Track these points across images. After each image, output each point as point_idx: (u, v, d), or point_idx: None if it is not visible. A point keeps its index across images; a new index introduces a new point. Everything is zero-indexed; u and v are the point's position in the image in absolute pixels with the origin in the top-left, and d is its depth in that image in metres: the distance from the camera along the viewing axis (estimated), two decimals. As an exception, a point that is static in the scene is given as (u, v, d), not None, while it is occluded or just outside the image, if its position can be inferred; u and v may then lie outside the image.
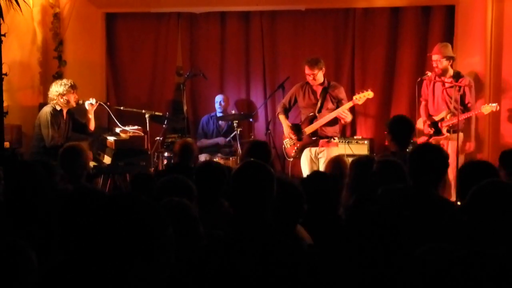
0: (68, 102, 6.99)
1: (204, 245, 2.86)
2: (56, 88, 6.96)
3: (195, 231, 2.95)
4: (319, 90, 7.27)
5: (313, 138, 7.22)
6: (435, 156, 3.76)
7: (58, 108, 6.97)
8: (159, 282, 1.96)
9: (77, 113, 7.35)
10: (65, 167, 4.89)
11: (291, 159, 7.39)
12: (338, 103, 7.20)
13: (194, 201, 3.60)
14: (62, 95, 6.94)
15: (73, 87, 7.02)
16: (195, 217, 2.98)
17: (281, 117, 7.49)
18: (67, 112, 7.10)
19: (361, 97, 7.08)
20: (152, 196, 4.37)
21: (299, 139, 7.30)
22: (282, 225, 3.10)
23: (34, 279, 2.12)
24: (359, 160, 4.76)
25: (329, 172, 5.02)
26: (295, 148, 7.31)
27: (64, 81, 7.12)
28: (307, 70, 7.21)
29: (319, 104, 7.24)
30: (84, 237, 2.17)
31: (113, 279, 1.92)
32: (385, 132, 5.86)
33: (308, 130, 7.24)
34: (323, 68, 7.23)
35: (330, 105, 7.21)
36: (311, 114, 7.26)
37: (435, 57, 7.12)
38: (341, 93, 7.24)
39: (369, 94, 7.09)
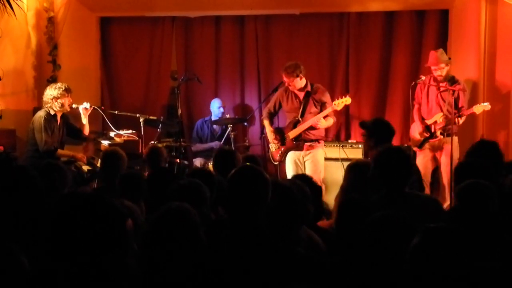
0: (62, 105, 6.98)
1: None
2: (51, 92, 6.95)
3: (195, 235, 2.97)
4: (301, 94, 7.28)
5: (296, 143, 7.26)
6: (400, 158, 3.83)
7: (52, 112, 6.95)
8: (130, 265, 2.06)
9: (71, 118, 7.34)
10: (107, 171, 5.13)
11: (277, 163, 7.45)
12: (322, 106, 7.24)
13: (206, 205, 3.60)
14: (56, 98, 6.92)
15: (67, 90, 7.01)
16: (195, 220, 3.00)
17: (265, 123, 7.54)
18: (61, 117, 7.08)
19: (339, 103, 7.14)
20: (142, 195, 4.44)
21: (282, 143, 7.33)
22: (278, 228, 3.10)
23: (25, 284, 2.12)
24: (355, 164, 4.76)
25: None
26: (280, 151, 7.35)
27: (59, 84, 7.11)
28: (284, 77, 7.25)
29: (301, 108, 7.26)
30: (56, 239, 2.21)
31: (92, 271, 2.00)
32: (363, 135, 5.88)
33: (291, 134, 7.28)
34: (301, 75, 7.18)
35: (313, 108, 7.23)
36: (294, 118, 7.29)
37: (435, 66, 7.08)
38: (325, 96, 7.23)
39: (347, 100, 7.13)
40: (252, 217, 2.83)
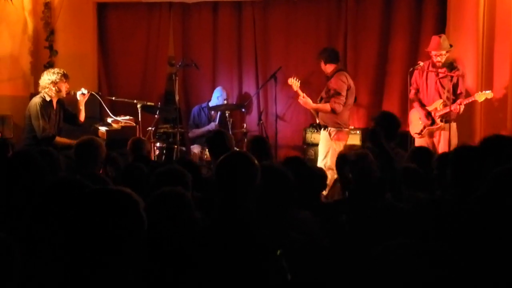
0: (59, 91, 6.92)
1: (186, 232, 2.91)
2: (49, 76, 6.88)
3: (190, 217, 3.02)
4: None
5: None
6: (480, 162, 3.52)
7: (47, 98, 6.89)
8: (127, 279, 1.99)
9: (67, 105, 7.30)
10: (80, 159, 4.91)
11: None
12: (327, 93, 7.31)
13: (189, 188, 3.66)
14: (54, 83, 6.85)
15: (65, 76, 6.96)
16: (189, 203, 3.06)
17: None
18: (57, 102, 7.03)
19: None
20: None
21: None
22: (269, 212, 3.11)
23: (18, 273, 2.09)
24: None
25: None
26: None
27: (57, 69, 7.06)
28: None
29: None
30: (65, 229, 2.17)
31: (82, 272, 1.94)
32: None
33: None
34: (323, 60, 7.35)
35: (323, 93, 7.37)
36: None
37: (436, 52, 7.08)
38: (332, 83, 7.26)
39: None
40: (239, 202, 2.87)
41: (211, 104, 8.34)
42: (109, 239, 1.97)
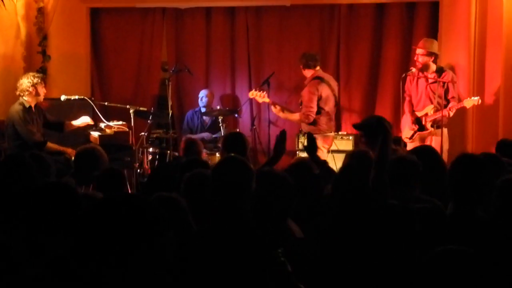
0: (38, 94, 6.83)
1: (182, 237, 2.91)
2: (29, 80, 6.73)
3: (185, 222, 3.03)
4: None
5: None
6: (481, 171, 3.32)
7: (27, 105, 6.75)
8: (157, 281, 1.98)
9: (55, 110, 7.25)
10: (81, 168, 4.87)
11: None
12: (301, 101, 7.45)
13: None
14: (34, 86, 6.76)
15: (44, 79, 6.93)
16: (183, 208, 3.11)
17: None
18: (35, 107, 6.94)
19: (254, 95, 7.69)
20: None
21: None
22: (265, 219, 3.11)
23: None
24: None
25: None
26: None
27: (34, 73, 6.99)
28: None
29: None
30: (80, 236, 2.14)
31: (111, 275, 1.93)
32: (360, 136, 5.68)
33: None
34: (301, 66, 7.46)
35: (299, 99, 7.48)
36: None
37: (418, 51, 7.19)
38: (303, 93, 7.39)
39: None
40: (236, 206, 2.88)
41: (201, 107, 8.36)
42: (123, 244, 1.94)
